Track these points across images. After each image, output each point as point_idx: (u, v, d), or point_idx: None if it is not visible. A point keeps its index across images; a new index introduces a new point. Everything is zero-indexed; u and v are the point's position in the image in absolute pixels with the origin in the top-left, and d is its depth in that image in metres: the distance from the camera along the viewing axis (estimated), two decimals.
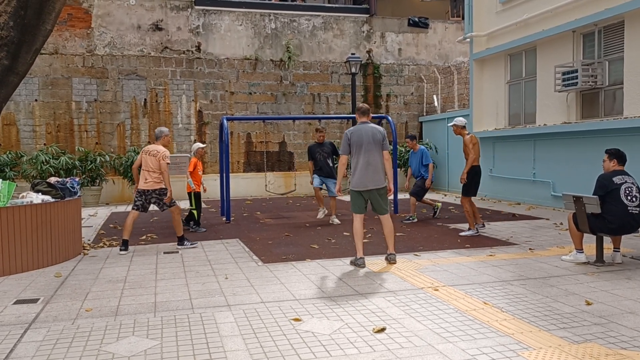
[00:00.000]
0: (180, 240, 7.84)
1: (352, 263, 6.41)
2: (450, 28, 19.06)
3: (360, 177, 6.36)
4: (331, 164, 10.33)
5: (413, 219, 10.13)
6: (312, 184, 10.31)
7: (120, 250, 7.52)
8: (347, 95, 17.64)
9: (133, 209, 7.65)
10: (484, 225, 8.78)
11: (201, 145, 9.76)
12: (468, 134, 8.54)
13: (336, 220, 10.11)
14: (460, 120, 8.64)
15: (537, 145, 12.35)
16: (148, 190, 7.55)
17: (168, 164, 7.54)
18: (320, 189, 10.34)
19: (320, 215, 10.31)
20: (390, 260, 6.41)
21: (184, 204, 12.57)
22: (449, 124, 9.09)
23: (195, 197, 9.54)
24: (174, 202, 7.77)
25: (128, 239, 7.60)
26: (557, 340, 3.85)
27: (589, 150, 10.73)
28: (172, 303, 5.01)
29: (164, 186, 7.57)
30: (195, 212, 9.57)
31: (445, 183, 16.86)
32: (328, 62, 17.72)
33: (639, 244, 7.23)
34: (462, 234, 8.46)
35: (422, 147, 10.61)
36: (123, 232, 7.61)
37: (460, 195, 8.76)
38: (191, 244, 7.85)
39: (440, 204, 10.80)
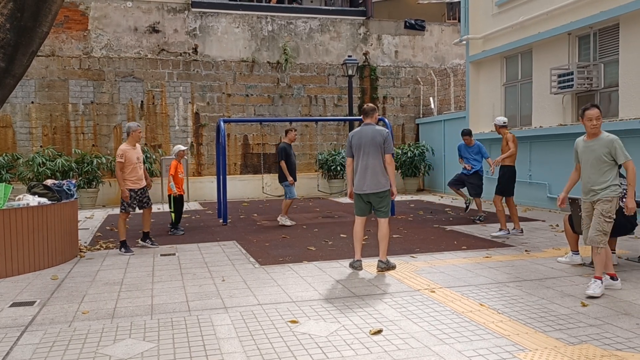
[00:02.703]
0: (122, 245, 7.74)
1: (350, 265, 6.41)
2: (447, 30, 19.11)
3: (359, 180, 6.28)
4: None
5: (482, 219, 10.19)
6: (292, 183, 9.95)
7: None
8: (344, 97, 17.66)
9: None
10: (522, 231, 8.53)
11: (182, 147, 9.69)
12: (509, 132, 8.64)
13: (288, 222, 10.19)
14: (499, 120, 8.72)
15: (533, 147, 12.40)
16: None
17: (120, 162, 7.60)
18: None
19: (289, 222, 10.12)
20: (379, 267, 6.20)
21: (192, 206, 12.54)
22: (495, 122, 8.91)
23: (175, 200, 9.46)
24: (124, 207, 7.75)
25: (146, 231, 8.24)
26: (553, 342, 3.87)
27: None
28: (169, 305, 5.01)
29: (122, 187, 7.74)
30: (173, 215, 9.49)
31: (442, 185, 16.89)
32: (325, 64, 17.74)
33: (635, 246, 7.26)
34: (494, 234, 8.36)
35: (477, 141, 10.66)
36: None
37: (506, 197, 8.56)
38: (126, 251, 7.63)
39: (470, 199, 10.78)
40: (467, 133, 10.56)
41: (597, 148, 5.29)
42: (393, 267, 6.26)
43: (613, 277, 5.24)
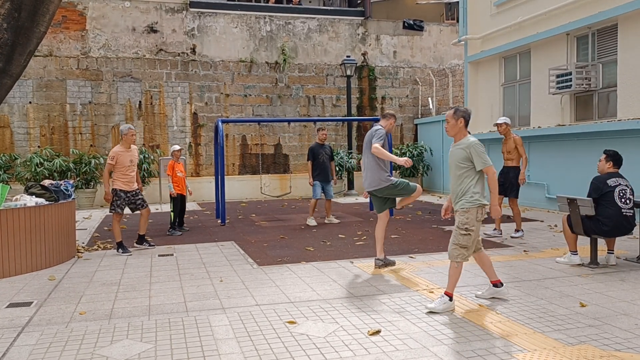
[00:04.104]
0: (119, 246, 7.70)
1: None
2: (445, 31, 19.12)
3: (362, 179, 6.59)
4: (330, 169, 10.43)
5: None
6: (311, 184, 10.29)
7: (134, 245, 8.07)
8: (343, 97, 17.66)
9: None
10: (501, 232, 8.56)
11: (176, 147, 9.70)
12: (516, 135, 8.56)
13: (335, 220, 10.43)
14: (509, 121, 8.70)
15: (531, 147, 12.39)
16: None
17: (109, 163, 7.59)
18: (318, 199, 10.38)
19: (313, 222, 10.19)
20: (376, 265, 6.32)
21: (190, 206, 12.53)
22: (498, 121, 8.86)
23: (173, 200, 9.46)
24: (113, 207, 7.70)
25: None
26: (552, 342, 3.86)
27: (583, 153, 10.78)
28: (167, 306, 4.99)
29: (114, 187, 7.69)
30: (172, 214, 9.49)
31: (440, 185, 16.89)
32: (323, 64, 17.73)
33: (633, 246, 7.25)
34: (514, 235, 8.27)
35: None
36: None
37: (510, 198, 8.48)
38: (123, 252, 7.61)
39: None
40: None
41: (456, 153, 4.82)
42: (389, 264, 6.32)
43: (451, 298, 4.71)
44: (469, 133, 4.97)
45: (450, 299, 4.69)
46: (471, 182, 4.74)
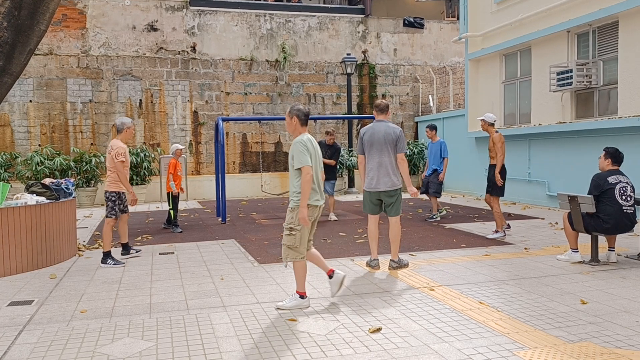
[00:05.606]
0: (107, 256, 6.80)
1: (367, 264, 6.31)
2: (446, 28, 19.09)
3: (372, 178, 6.15)
4: (334, 167, 10.64)
5: (437, 217, 10.22)
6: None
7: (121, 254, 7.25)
8: (343, 95, 17.65)
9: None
10: (509, 227, 8.48)
11: (179, 146, 9.73)
12: (497, 132, 8.27)
13: (333, 217, 10.60)
14: (490, 117, 8.37)
15: (532, 145, 12.39)
16: (105, 192, 6.97)
17: (122, 162, 6.83)
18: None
19: (333, 217, 10.61)
20: (390, 267, 6.17)
21: (191, 204, 12.53)
22: (478, 118, 8.86)
23: (173, 198, 9.52)
24: (114, 212, 6.90)
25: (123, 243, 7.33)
26: (553, 340, 3.86)
27: (584, 150, 10.77)
28: (168, 304, 4.99)
29: (115, 190, 6.89)
30: (172, 212, 9.58)
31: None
32: (323, 62, 17.72)
33: (634, 243, 7.25)
34: (490, 236, 8.09)
35: (442, 139, 10.61)
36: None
37: (488, 195, 8.28)
38: (114, 263, 6.73)
39: (445, 210, 10.79)
40: (433, 127, 10.49)
41: (290, 151, 4.78)
42: (405, 265, 6.20)
43: (302, 296, 4.73)
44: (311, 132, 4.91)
45: (302, 297, 4.70)
46: (299, 180, 4.65)
